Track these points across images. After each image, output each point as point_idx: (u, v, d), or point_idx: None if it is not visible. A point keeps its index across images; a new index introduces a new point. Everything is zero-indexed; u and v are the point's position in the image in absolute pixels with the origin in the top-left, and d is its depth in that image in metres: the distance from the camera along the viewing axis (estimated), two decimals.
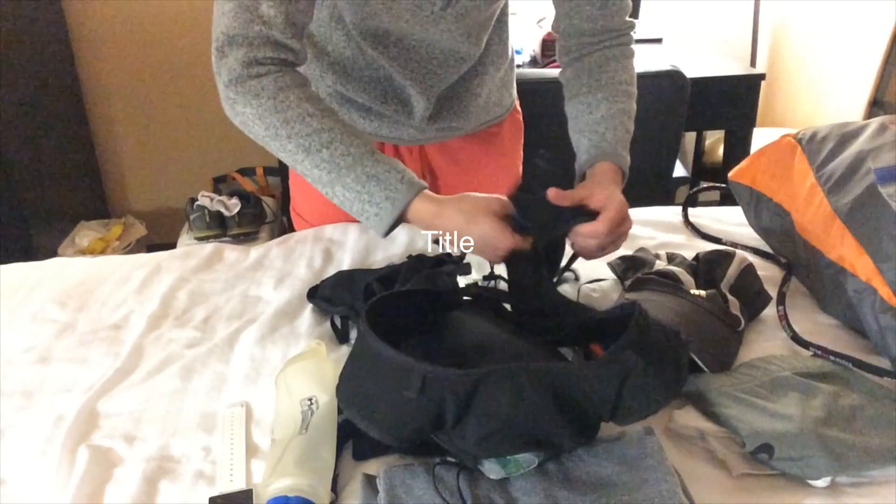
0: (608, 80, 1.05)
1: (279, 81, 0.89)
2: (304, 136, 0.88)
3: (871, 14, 2.46)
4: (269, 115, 0.88)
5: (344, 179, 0.88)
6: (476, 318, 0.82)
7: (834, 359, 0.84)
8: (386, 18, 1.03)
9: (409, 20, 1.03)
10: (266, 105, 0.88)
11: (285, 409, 0.78)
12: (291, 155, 0.90)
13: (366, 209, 0.89)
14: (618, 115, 1.03)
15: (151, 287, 1.09)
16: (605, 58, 1.07)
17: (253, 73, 0.88)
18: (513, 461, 0.69)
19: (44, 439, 0.80)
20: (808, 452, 0.69)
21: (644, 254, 1.07)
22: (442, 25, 1.05)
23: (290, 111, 0.88)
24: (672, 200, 2.26)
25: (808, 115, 2.80)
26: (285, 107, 0.88)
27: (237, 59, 0.88)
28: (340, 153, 0.88)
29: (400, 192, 0.88)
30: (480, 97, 1.22)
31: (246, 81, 0.88)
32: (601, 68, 1.06)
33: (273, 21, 0.87)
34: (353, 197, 0.89)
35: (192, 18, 2.69)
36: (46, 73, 2.49)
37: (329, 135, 0.88)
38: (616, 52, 1.07)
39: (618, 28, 1.07)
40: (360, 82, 1.14)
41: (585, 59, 1.07)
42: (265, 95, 0.88)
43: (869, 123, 1.02)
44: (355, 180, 0.88)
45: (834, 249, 0.93)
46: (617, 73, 1.06)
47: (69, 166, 2.64)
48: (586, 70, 1.07)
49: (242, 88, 0.88)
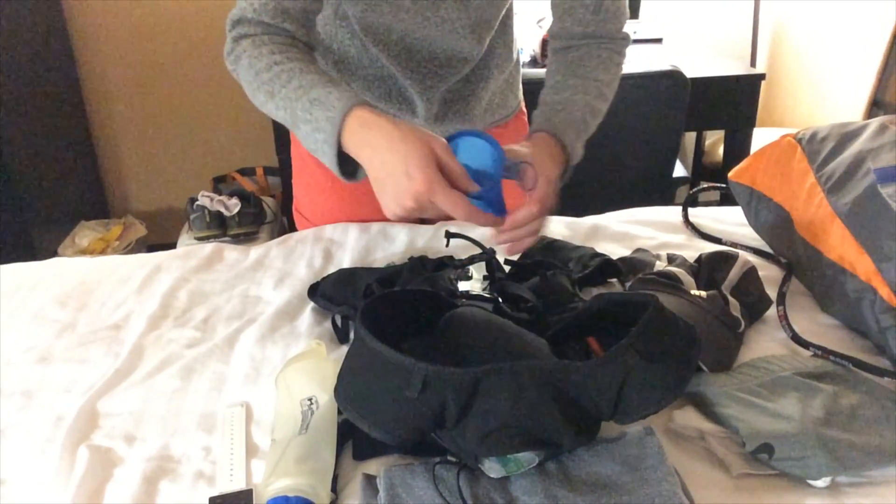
0: (584, 74, 1.03)
1: (256, 41, 0.92)
2: (267, 80, 0.89)
3: (871, 14, 2.46)
4: (245, 72, 0.92)
5: (297, 113, 0.86)
6: (476, 318, 0.82)
7: (834, 359, 0.84)
8: (386, 9, 1.03)
9: (409, 8, 1.03)
10: (244, 64, 0.92)
11: (285, 409, 0.78)
12: (264, 105, 0.91)
13: (317, 139, 0.85)
14: (580, 104, 1.00)
15: (151, 287, 1.09)
16: (588, 55, 1.05)
17: (239, 43, 0.94)
18: (513, 460, 0.69)
19: (44, 439, 0.80)
20: (808, 452, 0.69)
21: (644, 254, 1.07)
22: (442, 13, 1.04)
23: (260, 63, 0.91)
24: (672, 200, 2.26)
25: (808, 115, 2.80)
26: (257, 61, 0.91)
27: (231, 36, 0.95)
28: (294, 87, 0.87)
29: (335, 109, 0.82)
30: (484, 100, 1.22)
31: (233, 51, 0.95)
32: (581, 62, 1.05)
33: (264, 8, 0.92)
34: (309, 130, 0.85)
35: (192, 18, 2.69)
36: (46, 73, 2.49)
37: (288, 74, 0.88)
38: (602, 52, 1.06)
39: (609, 36, 1.06)
40: (364, 80, 1.15)
41: (570, 53, 1.07)
42: (245, 56, 0.92)
43: (869, 123, 1.02)
44: (304, 109, 0.85)
45: (834, 249, 0.93)
46: (596, 71, 1.04)
47: (69, 166, 2.64)
48: (566, 62, 1.06)
49: (232, 57, 0.95)
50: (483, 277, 1.00)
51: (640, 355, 0.67)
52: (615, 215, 1.28)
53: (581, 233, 1.21)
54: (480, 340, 0.76)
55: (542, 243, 1.12)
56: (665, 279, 0.96)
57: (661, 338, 0.70)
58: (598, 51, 1.06)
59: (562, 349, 0.82)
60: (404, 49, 1.09)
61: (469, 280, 1.00)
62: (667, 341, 0.71)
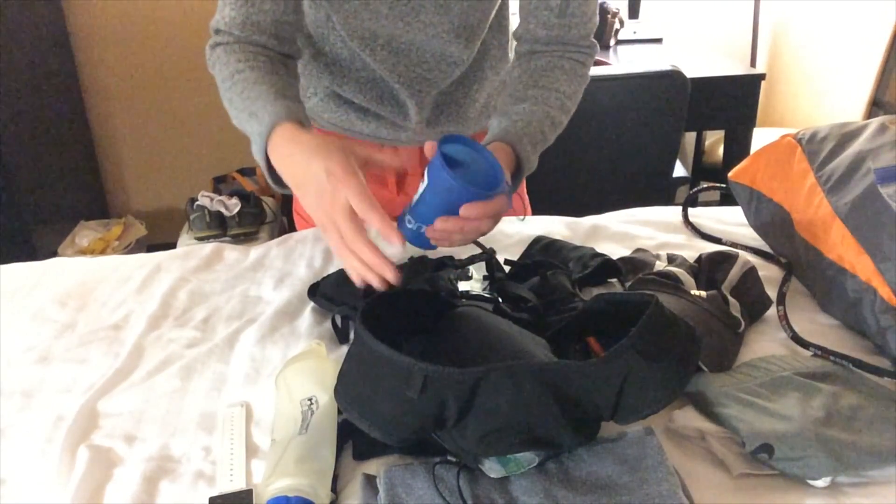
0: (546, 84, 1.01)
1: (228, 49, 0.95)
2: (228, 89, 0.92)
3: (871, 14, 2.46)
4: (218, 79, 0.95)
5: (243, 124, 0.89)
6: (476, 318, 0.82)
7: (834, 359, 0.84)
8: (366, 16, 1.02)
9: (387, 14, 1.02)
10: (216, 71, 0.95)
11: (285, 409, 0.78)
12: (229, 111, 0.94)
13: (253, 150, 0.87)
14: (540, 115, 0.98)
15: (151, 287, 1.09)
16: (552, 65, 1.03)
17: (214, 51, 0.97)
18: (513, 460, 0.69)
19: (44, 439, 0.80)
20: (808, 452, 0.69)
21: (644, 254, 1.07)
22: (423, 17, 1.03)
23: (225, 71, 0.93)
24: (672, 200, 2.26)
25: (808, 115, 2.80)
26: (224, 68, 0.94)
27: (209, 44, 0.98)
28: (244, 98, 0.90)
29: (264, 124, 0.84)
30: (479, 102, 1.21)
31: (209, 58, 0.98)
32: (544, 71, 1.02)
33: (233, 21, 0.95)
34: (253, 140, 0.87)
35: (192, 19, 2.70)
36: (46, 73, 2.49)
37: (242, 84, 0.91)
38: (566, 63, 1.03)
39: (574, 43, 1.04)
40: (356, 83, 1.14)
41: (533, 61, 1.04)
42: (218, 63, 0.95)
43: (869, 123, 1.02)
44: (246, 121, 0.88)
45: (834, 249, 0.93)
46: (558, 82, 1.01)
47: (69, 166, 2.64)
48: (529, 70, 1.03)
49: (209, 63, 0.98)
50: (483, 277, 1.00)
51: (640, 355, 0.67)
52: (615, 215, 1.28)
53: (581, 233, 1.21)
54: (480, 340, 0.76)
55: (543, 243, 1.12)
56: (665, 279, 0.96)
57: (661, 338, 0.70)
58: (562, 61, 1.03)
59: (562, 349, 0.82)
60: (391, 53, 1.08)
61: (469, 280, 1.00)
62: (667, 341, 0.71)
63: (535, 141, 0.96)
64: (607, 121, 1.95)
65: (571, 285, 0.97)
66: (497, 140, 0.94)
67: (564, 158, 1.95)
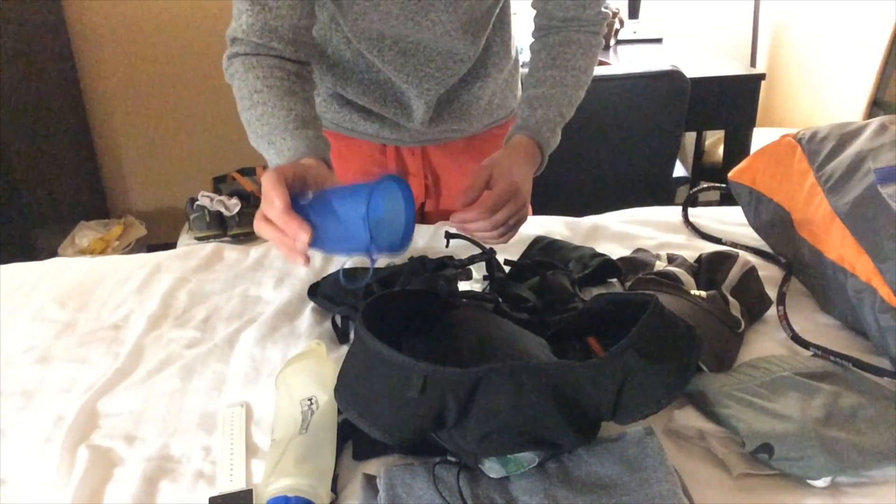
0: (563, 63, 1.09)
1: (246, 62, 0.96)
2: (247, 108, 0.95)
3: (871, 14, 2.46)
4: (236, 93, 0.97)
5: (262, 150, 0.94)
6: (476, 318, 0.82)
7: (834, 359, 0.84)
8: (375, 17, 1.03)
9: (398, 15, 1.03)
10: (235, 86, 0.97)
11: (285, 409, 0.78)
12: (246, 128, 0.96)
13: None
14: (557, 96, 1.07)
15: (151, 287, 1.09)
16: (568, 39, 1.11)
17: (232, 62, 0.98)
18: (513, 460, 0.69)
19: (44, 439, 0.80)
20: (808, 452, 0.69)
21: (644, 254, 1.07)
22: (433, 16, 1.04)
23: (245, 89, 0.95)
24: (672, 200, 2.26)
25: (808, 115, 2.80)
26: (244, 85, 0.95)
27: (227, 54, 0.99)
28: (262, 123, 0.93)
29: (284, 158, 0.90)
30: (482, 100, 1.21)
31: (228, 69, 0.99)
32: (561, 48, 1.10)
33: (251, 28, 0.96)
34: (271, 163, 0.92)
35: (193, 19, 2.70)
36: (46, 73, 2.49)
37: (262, 108, 0.93)
38: (581, 37, 1.11)
39: (589, 19, 1.11)
40: (359, 85, 1.14)
41: (551, 37, 1.11)
42: (236, 77, 0.97)
43: (869, 123, 1.02)
44: (265, 149, 0.93)
45: (834, 249, 0.93)
46: (575, 58, 1.10)
47: (69, 166, 2.65)
48: (548, 47, 1.11)
49: (227, 74, 1.00)
50: (483, 277, 1.00)
51: (640, 355, 0.67)
52: (615, 215, 1.28)
53: (581, 233, 1.21)
54: (480, 340, 0.76)
55: (542, 243, 1.12)
56: (665, 279, 0.96)
57: (661, 338, 0.70)
58: (577, 35, 1.11)
59: (562, 349, 0.82)
60: (399, 54, 1.09)
61: (469, 280, 1.00)
62: (667, 341, 0.71)
63: (554, 124, 1.07)
64: (607, 121, 1.95)
65: (571, 285, 0.97)
66: (520, 132, 1.06)
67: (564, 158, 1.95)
